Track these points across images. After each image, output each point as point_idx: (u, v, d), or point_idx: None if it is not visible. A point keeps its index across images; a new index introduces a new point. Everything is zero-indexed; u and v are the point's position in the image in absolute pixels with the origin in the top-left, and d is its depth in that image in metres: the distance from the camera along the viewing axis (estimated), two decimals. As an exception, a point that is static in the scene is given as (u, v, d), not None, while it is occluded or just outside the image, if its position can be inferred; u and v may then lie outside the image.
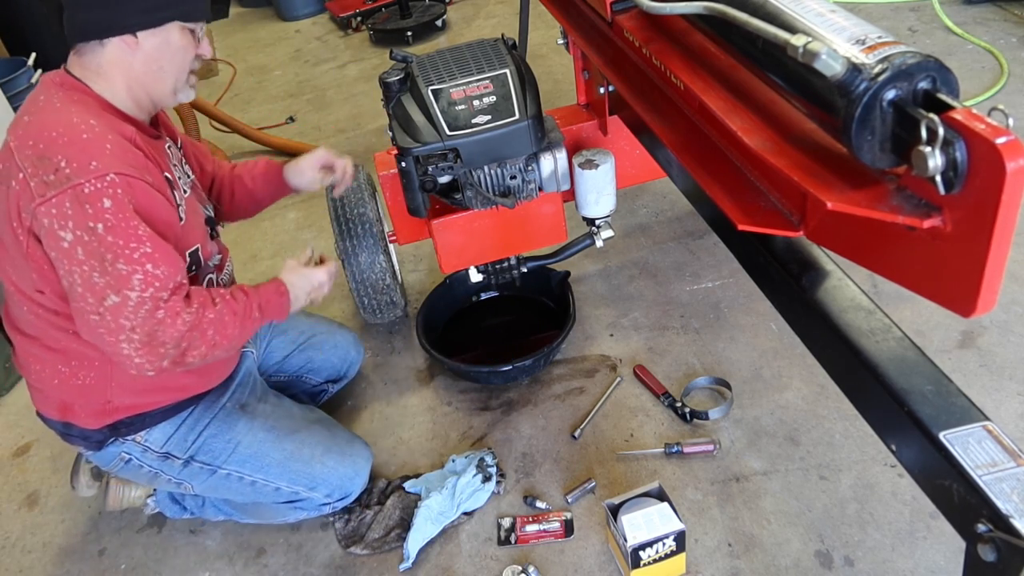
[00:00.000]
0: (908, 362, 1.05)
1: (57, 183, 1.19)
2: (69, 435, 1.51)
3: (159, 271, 1.24)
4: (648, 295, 2.17)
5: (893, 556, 1.46)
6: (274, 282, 1.48)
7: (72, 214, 1.19)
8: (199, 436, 1.53)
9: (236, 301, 1.37)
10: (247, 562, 1.69)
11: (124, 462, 1.53)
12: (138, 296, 1.23)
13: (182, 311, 1.27)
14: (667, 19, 1.32)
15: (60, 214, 1.20)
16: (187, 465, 1.54)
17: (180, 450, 1.53)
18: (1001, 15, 3.13)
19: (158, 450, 1.52)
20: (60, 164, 1.20)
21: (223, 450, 1.55)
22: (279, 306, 1.46)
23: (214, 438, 1.54)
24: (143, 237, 1.23)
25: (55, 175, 1.19)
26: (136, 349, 1.25)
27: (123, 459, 1.52)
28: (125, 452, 1.51)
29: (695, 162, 1.26)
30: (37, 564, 1.78)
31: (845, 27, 0.91)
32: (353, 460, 1.69)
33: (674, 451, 1.70)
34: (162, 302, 1.25)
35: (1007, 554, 0.85)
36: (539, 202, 1.74)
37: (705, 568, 1.51)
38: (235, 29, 4.93)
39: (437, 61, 1.67)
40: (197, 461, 1.54)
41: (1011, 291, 1.93)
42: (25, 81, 3.39)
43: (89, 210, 1.19)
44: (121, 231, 1.21)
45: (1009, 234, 0.78)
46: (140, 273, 1.22)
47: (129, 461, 1.52)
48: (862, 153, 0.88)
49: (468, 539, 1.64)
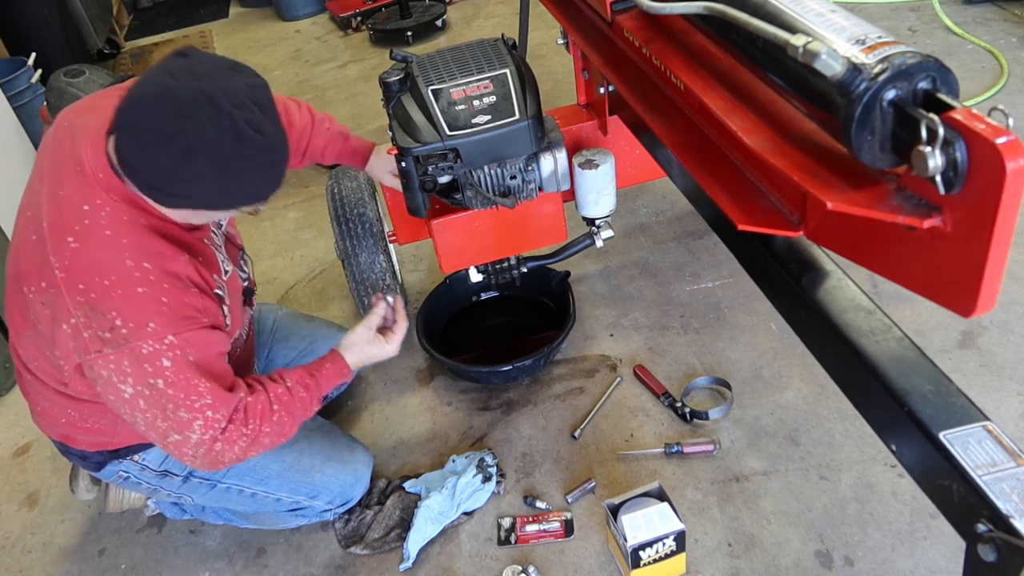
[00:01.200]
0: (908, 362, 1.05)
1: (114, 342, 1.18)
2: (68, 453, 1.52)
3: (218, 415, 1.26)
4: (648, 295, 2.17)
5: (893, 556, 1.46)
6: (338, 365, 1.49)
7: (132, 371, 1.19)
8: None
9: (295, 400, 1.38)
10: (247, 562, 1.69)
11: (123, 479, 1.53)
12: (198, 438, 1.26)
13: (239, 437, 1.30)
14: (667, 19, 1.32)
15: (119, 370, 1.19)
16: (186, 481, 1.54)
17: (179, 467, 1.52)
18: (1001, 15, 3.13)
19: (156, 469, 1.51)
20: (116, 322, 1.17)
21: None
22: (339, 385, 1.51)
23: None
24: (203, 391, 1.24)
25: (111, 333, 1.17)
26: (198, 465, 1.31)
27: (121, 476, 1.52)
28: (123, 471, 1.51)
29: (695, 162, 1.26)
30: (37, 564, 1.78)
31: (845, 27, 0.91)
32: (354, 467, 1.68)
33: (674, 451, 1.70)
34: (220, 434, 1.27)
35: (1007, 554, 0.85)
36: (539, 202, 1.74)
37: (705, 568, 1.51)
38: (235, 29, 4.93)
39: (437, 61, 1.67)
40: (196, 476, 1.54)
41: (1011, 291, 1.93)
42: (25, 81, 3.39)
43: (148, 368, 1.19)
44: (182, 386, 1.22)
45: (1009, 234, 0.78)
46: (200, 419, 1.25)
47: (127, 479, 1.53)
48: (862, 153, 0.88)
49: (468, 539, 1.64)
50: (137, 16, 5.57)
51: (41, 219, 1.22)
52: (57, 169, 1.24)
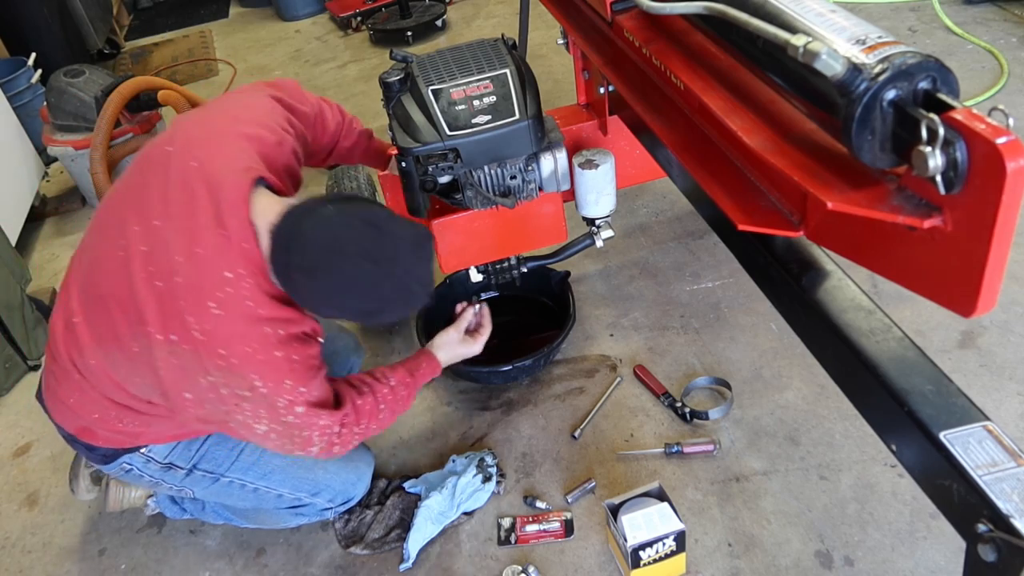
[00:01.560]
0: (908, 362, 1.06)
1: (254, 399, 1.26)
2: (74, 443, 1.50)
3: (335, 426, 1.37)
4: (648, 295, 2.17)
5: (893, 556, 1.46)
6: (433, 365, 1.66)
7: (267, 416, 1.30)
8: (202, 445, 1.52)
9: (397, 398, 1.52)
10: (247, 562, 1.69)
11: (125, 471, 1.52)
12: (319, 449, 1.39)
13: (352, 436, 1.42)
14: (667, 19, 1.32)
15: (255, 415, 1.29)
16: (190, 474, 1.53)
17: (183, 460, 1.52)
18: (1001, 15, 3.13)
19: (161, 461, 1.50)
20: (255, 383, 1.24)
21: (226, 458, 1.54)
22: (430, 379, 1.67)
23: (217, 446, 1.53)
24: (325, 426, 1.35)
25: (251, 392, 1.25)
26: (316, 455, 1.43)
27: (124, 468, 1.52)
28: (127, 463, 1.50)
29: (695, 162, 1.26)
30: (37, 564, 1.78)
31: (845, 27, 0.91)
32: (356, 465, 1.69)
33: (674, 451, 1.70)
34: (336, 438, 1.39)
35: (1007, 554, 0.85)
36: (539, 202, 1.74)
37: (705, 568, 1.51)
38: (235, 29, 4.93)
39: (437, 61, 1.67)
40: (200, 470, 1.53)
41: (1011, 291, 1.93)
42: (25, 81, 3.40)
43: (283, 412, 1.30)
44: (311, 424, 1.33)
45: (1009, 234, 0.78)
46: (325, 439, 1.37)
47: (130, 471, 1.52)
48: (862, 153, 0.88)
49: (468, 539, 1.64)
50: (137, 16, 5.57)
51: (159, 259, 1.23)
52: (190, 218, 1.23)
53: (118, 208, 1.33)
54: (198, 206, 1.23)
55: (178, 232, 1.23)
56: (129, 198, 1.32)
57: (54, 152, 3.02)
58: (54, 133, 3.00)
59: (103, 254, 1.31)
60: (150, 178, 1.30)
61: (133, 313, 1.24)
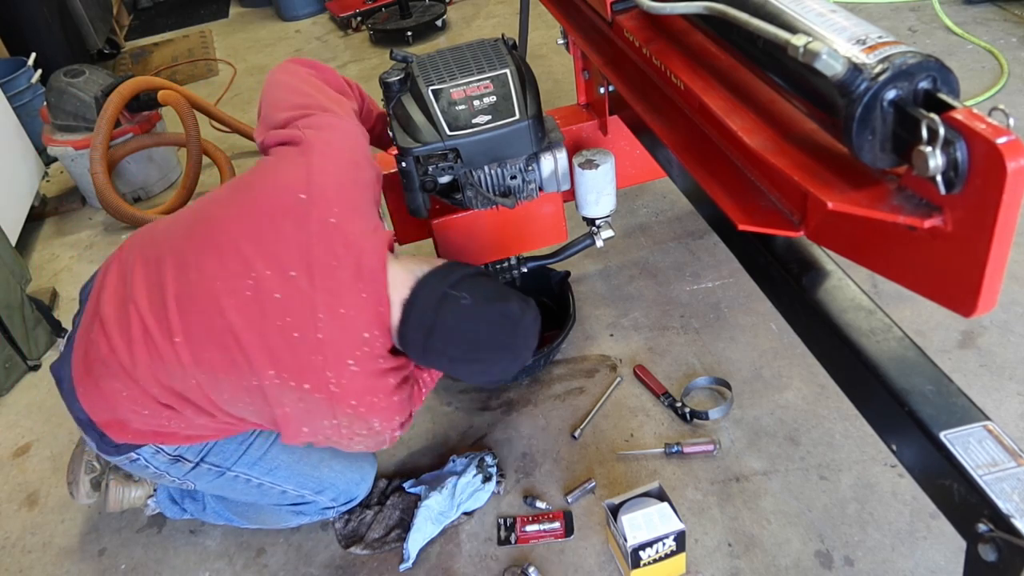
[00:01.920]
0: (908, 362, 1.05)
1: (369, 435, 1.39)
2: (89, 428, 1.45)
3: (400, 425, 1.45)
4: (648, 295, 2.17)
5: (893, 556, 1.46)
6: None
7: (365, 436, 1.40)
8: None
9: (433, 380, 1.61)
10: (247, 562, 1.69)
11: (131, 460, 1.51)
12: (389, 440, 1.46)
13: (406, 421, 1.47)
14: (667, 19, 1.32)
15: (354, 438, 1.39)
16: (196, 467, 1.53)
17: (192, 453, 1.51)
18: (1001, 15, 3.13)
19: (171, 453, 1.49)
20: (374, 425, 1.37)
21: (234, 452, 1.53)
22: None
23: (226, 440, 1.53)
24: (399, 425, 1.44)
25: (367, 431, 1.38)
26: None
27: (131, 459, 1.50)
28: (135, 452, 1.48)
29: (695, 162, 1.26)
30: (37, 564, 1.78)
31: (845, 27, 0.91)
32: (360, 465, 1.69)
33: (674, 451, 1.70)
34: (400, 428, 1.45)
35: (1008, 554, 0.85)
36: (539, 202, 1.74)
37: (705, 568, 1.51)
38: (235, 29, 4.93)
39: (437, 61, 1.67)
40: (207, 463, 1.53)
41: (1011, 291, 1.93)
42: (25, 81, 3.40)
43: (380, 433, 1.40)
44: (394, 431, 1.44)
45: (1010, 234, 0.78)
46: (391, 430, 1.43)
47: (136, 460, 1.50)
48: (863, 153, 0.88)
49: (468, 539, 1.64)
50: (137, 16, 5.57)
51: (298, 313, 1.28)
52: (333, 278, 1.29)
53: (237, 240, 1.31)
54: (342, 268, 1.30)
55: (321, 291, 1.28)
56: (254, 235, 1.31)
57: (54, 152, 3.02)
58: (54, 133, 3.00)
59: (222, 286, 1.30)
60: (284, 225, 1.31)
61: (261, 355, 1.28)
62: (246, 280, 1.28)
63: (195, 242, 1.35)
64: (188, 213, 1.45)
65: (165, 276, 1.33)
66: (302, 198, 1.31)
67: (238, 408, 1.36)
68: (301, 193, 1.32)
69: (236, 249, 1.30)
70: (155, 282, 1.34)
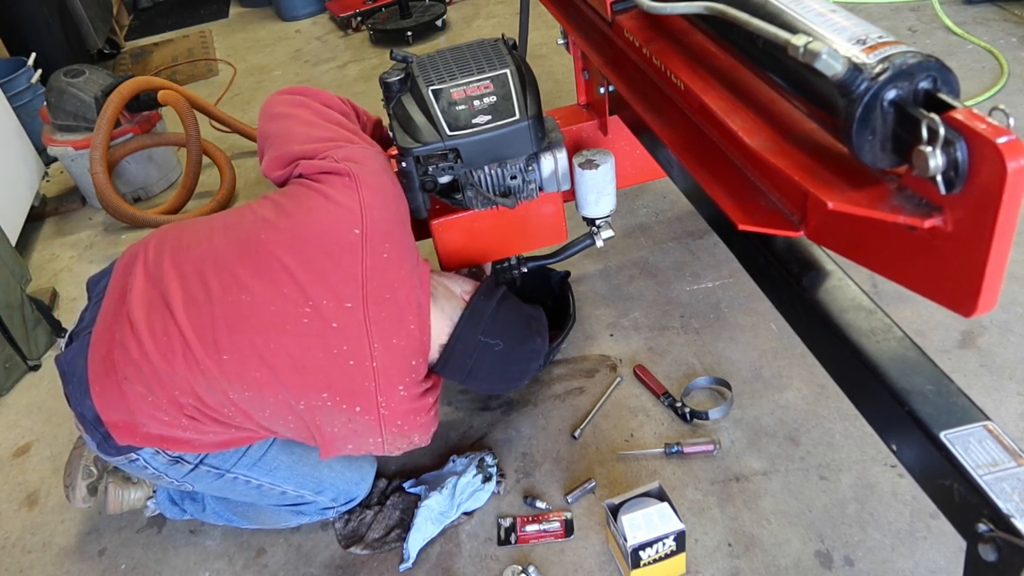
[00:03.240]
0: (909, 362, 1.05)
1: (407, 447, 1.50)
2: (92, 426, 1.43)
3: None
4: (648, 295, 2.17)
5: (893, 556, 1.46)
6: None
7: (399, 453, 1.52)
8: None
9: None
10: (247, 562, 1.69)
11: (130, 461, 1.50)
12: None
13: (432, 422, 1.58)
14: (667, 19, 1.32)
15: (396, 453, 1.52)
16: (195, 469, 1.52)
17: (191, 455, 1.50)
18: (1001, 15, 3.13)
19: (171, 455, 1.49)
20: (413, 439, 1.49)
21: (233, 453, 1.53)
22: None
23: None
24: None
25: (407, 444, 1.49)
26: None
27: (130, 459, 1.49)
28: (134, 453, 1.47)
29: (695, 162, 1.26)
30: (37, 564, 1.78)
31: (846, 27, 0.91)
32: (360, 465, 1.69)
33: (674, 451, 1.70)
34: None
35: (1008, 554, 0.85)
36: (539, 202, 1.74)
37: (705, 568, 1.51)
38: (235, 29, 4.93)
39: (437, 61, 1.67)
40: (206, 464, 1.52)
41: (1011, 291, 1.93)
42: (25, 81, 3.40)
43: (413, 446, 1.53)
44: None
45: (1010, 234, 0.78)
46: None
47: (135, 461, 1.50)
48: (863, 153, 0.88)
49: (468, 539, 1.64)
50: (137, 16, 5.57)
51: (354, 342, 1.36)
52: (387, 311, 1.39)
53: (292, 269, 1.36)
54: (394, 303, 1.40)
55: (375, 323, 1.37)
56: (311, 266, 1.36)
57: (54, 152, 3.02)
58: (54, 133, 3.00)
59: (278, 311, 1.35)
60: (341, 259, 1.37)
61: (315, 380, 1.36)
62: (303, 308, 1.35)
63: (245, 265, 1.38)
64: (225, 229, 1.47)
65: (211, 293, 1.36)
66: (356, 233, 1.38)
67: (277, 424, 1.42)
68: (356, 228, 1.39)
69: (292, 278, 1.36)
70: (196, 298, 1.37)
